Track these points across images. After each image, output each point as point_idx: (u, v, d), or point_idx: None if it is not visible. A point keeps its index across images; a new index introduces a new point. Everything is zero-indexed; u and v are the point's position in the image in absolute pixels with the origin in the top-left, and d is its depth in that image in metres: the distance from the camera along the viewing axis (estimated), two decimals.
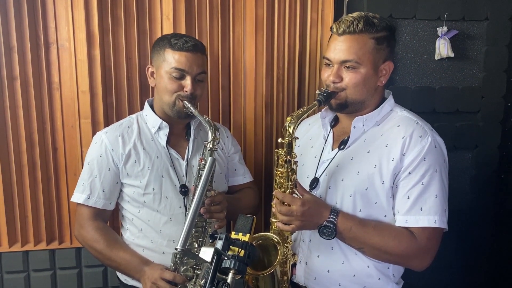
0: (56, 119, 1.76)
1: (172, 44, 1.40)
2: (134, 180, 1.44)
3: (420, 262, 1.23)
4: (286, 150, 1.21)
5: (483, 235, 2.11)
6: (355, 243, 1.22)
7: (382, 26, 1.24)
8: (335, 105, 1.29)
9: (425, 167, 1.20)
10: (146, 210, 1.45)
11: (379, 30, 1.23)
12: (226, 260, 0.97)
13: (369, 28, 1.22)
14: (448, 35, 1.89)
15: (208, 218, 1.34)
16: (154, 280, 1.32)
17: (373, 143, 1.27)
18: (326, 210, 1.21)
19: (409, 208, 1.21)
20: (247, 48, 1.82)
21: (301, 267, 1.34)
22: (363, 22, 1.22)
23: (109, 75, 1.74)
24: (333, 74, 1.24)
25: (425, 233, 1.20)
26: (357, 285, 1.29)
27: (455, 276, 2.10)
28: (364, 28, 1.22)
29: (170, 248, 1.40)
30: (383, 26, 1.24)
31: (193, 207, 0.95)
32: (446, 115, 1.98)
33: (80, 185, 1.46)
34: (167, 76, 1.41)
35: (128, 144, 1.46)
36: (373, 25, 1.22)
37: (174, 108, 1.43)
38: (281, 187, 1.23)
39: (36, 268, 1.83)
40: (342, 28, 1.23)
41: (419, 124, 1.26)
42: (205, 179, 0.97)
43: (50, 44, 1.71)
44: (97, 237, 1.42)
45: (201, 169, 1.35)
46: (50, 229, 1.82)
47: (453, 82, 1.97)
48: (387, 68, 1.29)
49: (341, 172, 1.28)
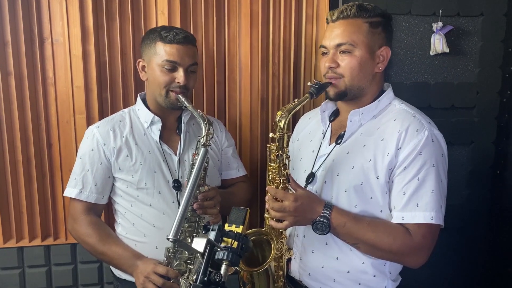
0: (50, 114, 1.75)
1: (162, 37, 1.40)
2: (126, 175, 1.44)
3: (415, 259, 1.21)
4: (277, 145, 1.20)
5: (479, 230, 2.12)
6: (349, 239, 1.21)
7: (376, 12, 1.24)
8: (334, 94, 1.27)
9: (421, 161, 1.17)
10: (138, 205, 1.44)
11: (373, 15, 1.23)
12: (219, 252, 0.97)
13: (362, 13, 1.22)
14: (443, 30, 1.90)
15: (202, 214, 1.33)
16: (147, 274, 1.32)
17: (369, 137, 1.26)
18: (319, 205, 1.20)
19: (405, 204, 1.18)
20: (242, 43, 1.81)
21: (296, 263, 1.34)
22: (356, 7, 1.23)
23: (104, 71, 1.73)
24: (329, 60, 1.24)
25: (421, 230, 1.18)
26: (352, 281, 1.27)
27: (451, 271, 2.11)
28: (357, 12, 1.22)
29: (163, 242, 1.39)
30: (377, 12, 1.24)
31: (185, 197, 0.95)
32: (441, 110, 1.99)
33: (73, 180, 1.46)
34: (159, 69, 1.41)
35: (119, 138, 1.46)
36: (366, 10, 1.23)
37: (167, 99, 1.43)
38: (274, 182, 1.22)
39: (31, 264, 1.82)
40: (336, 14, 1.24)
41: (416, 117, 1.23)
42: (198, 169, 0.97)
43: (45, 39, 1.70)
44: (90, 231, 1.42)
45: (194, 164, 1.34)
46: (45, 225, 1.80)
47: (448, 78, 1.98)
48: (384, 53, 1.27)
49: (337, 167, 1.27)
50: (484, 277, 2.17)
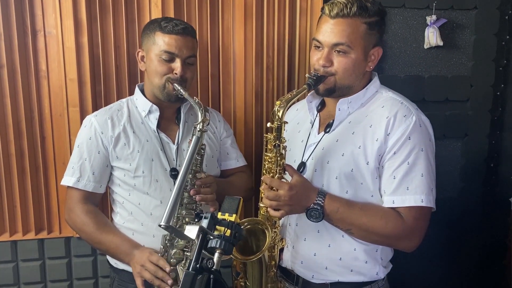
0: (44, 107, 1.74)
1: (162, 27, 1.40)
2: (124, 163, 1.44)
3: (408, 242, 1.23)
4: (275, 135, 1.20)
5: (472, 223, 2.14)
6: (343, 224, 1.22)
7: (374, 10, 1.23)
8: (323, 90, 1.28)
9: (410, 146, 1.19)
10: (136, 193, 1.44)
11: (372, 14, 1.22)
12: (212, 240, 0.97)
13: (362, 12, 1.21)
14: (437, 23, 1.90)
15: (199, 201, 1.33)
16: (142, 262, 1.32)
17: (358, 124, 1.27)
18: (313, 192, 1.21)
19: (395, 188, 1.21)
20: (237, 36, 1.81)
21: (288, 251, 1.35)
22: (356, 6, 1.21)
23: (97, 63, 1.72)
24: (324, 58, 1.24)
25: (412, 212, 1.20)
26: (344, 268, 1.29)
27: (444, 263, 2.12)
28: (357, 12, 1.20)
29: (160, 231, 1.38)
30: (375, 11, 1.23)
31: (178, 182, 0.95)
32: (435, 103, 2.00)
33: (70, 168, 1.46)
34: (157, 59, 1.40)
35: (117, 127, 1.46)
36: (366, 9, 1.21)
37: (164, 91, 1.43)
38: (270, 172, 1.22)
39: (25, 258, 1.81)
40: (335, 10, 1.21)
41: (403, 104, 1.26)
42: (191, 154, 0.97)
43: (37, 32, 1.69)
44: (86, 220, 1.41)
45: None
46: (38, 218, 1.80)
47: (442, 71, 1.99)
48: (376, 53, 1.29)
49: (327, 155, 1.28)
50: (478, 269, 2.19)
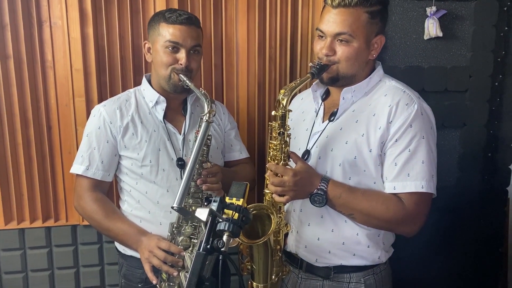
0: (50, 97, 1.77)
1: (166, 18, 1.42)
2: (132, 152, 1.47)
3: (409, 227, 1.27)
4: (279, 123, 1.23)
5: (470, 211, 2.16)
6: (345, 209, 1.26)
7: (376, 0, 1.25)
8: (327, 79, 1.31)
9: (411, 133, 1.22)
10: (143, 182, 1.47)
11: (373, 3, 1.25)
12: (221, 223, 1.00)
13: (364, 2, 1.23)
14: (437, 14, 1.92)
15: (206, 190, 1.37)
16: (150, 249, 1.35)
17: (362, 113, 1.30)
18: (317, 178, 1.25)
19: (396, 174, 1.24)
20: (240, 27, 1.83)
21: (292, 236, 1.38)
22: None
23: (102, 54, 1.75)
24: (326, 47, 1.26)
25: (413, 198, 1.23)
26: (347, 252, 1.32)
27: (442, 250, 2.16)
28: (359, 1, 1.23)
29: (167, 219, 1.44)
30: (377, 0, 1.25)
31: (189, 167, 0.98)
32: (434, 94, 2.01)
33: (79, 157, 1.48)
34: (162, 50, 1.43)
35: (126, 117, 1.48)
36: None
37: (170, 81, 1.45)
38: (275, 159, 1.25)
39: (32, 246, 1.85)
40: (338, 0, 1.23)
41: (405, 92, 1.29)
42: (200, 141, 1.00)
43: (43, 22, 1.71)
44: (95, 208, 1.44)
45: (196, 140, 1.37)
46: (45, 207, 1.83)
47: (441, 62, 2.00)
48: (378, 42, 1.31)
49: (331, 143, 1.31)
50: (475, 257, 2.23)
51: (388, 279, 1.41)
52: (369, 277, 1.34)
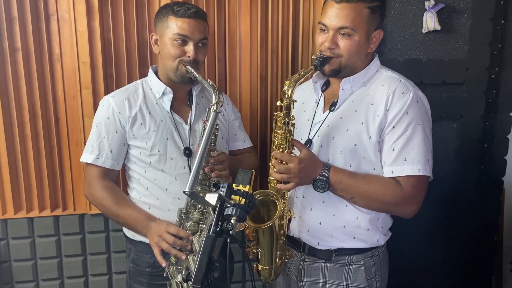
0: (57, 89, 1.81)
1: (174, 11, 1.45)
2: (141, 142, 1.51)
3: (407, 208, 1.33)
4: (284, 113, 1.29)
5: (466, 201, 2.22)
6: (346, 193, 1.32)
7: None
8: (329, 71, 1.36)
9: (407, 120, 1.29)
10: (152, 170, 1.52)
11: None
12: (229, 208, 1.05)
13: None
14: (435, 8, 1.96)
15: (214, 177, 1.42)
16: (160, 233, 1.40)
17: (361, 102, 1.36)
18: (319, 165, 1.31)
19: (394, 159, 1.30)
20: (242, 20, 1.87)
21: (295, 221, 1.44)
22: None
23: (108, 47, 1.79)
24: (329, 40, 1.31)
25: (410, 181, 1.30)
26: (347, 235, 1.39)
27: (439, 238, 2.22)
28: None
29: (175, 205, 1.49)
30: None
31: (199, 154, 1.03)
32: (432, 86, 2.06)
33: (89, 146, 1.52)
34: (170, 42, 1.46)
35: (134, 108, 1.52)
36: None
37: (178, 73, 1.49)
38: (280, 148, 1.31)
39: (41, 234, 1.90)
40: None
41: (401, 81, 1.35)
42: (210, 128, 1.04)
43: (50, 16, 1.75)
44: (105, 195, 1.49)
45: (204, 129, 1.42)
46: (54, 196, 1.88)
47: (439, 55, 2.05)
48: (377, 36, 1.37)
49: (332, 132, 1.37)
50: (470, 245, 2.29)
51: (385, 261, 1.47)
52: (368, 259, 1.40)
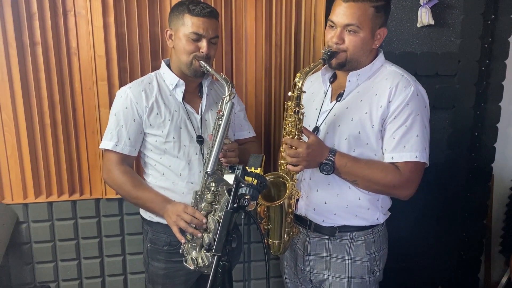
0: (74, 81, 1.91)
1: (190, 10, 1.54)
2: (157, 130, 1.61)
3: (405, 191, 1.46)
4: (295, 102, 1.41)
5: (458, 186, 2.33)
6: (350, 176, 1.45)
7: None
8: (335, 64, 1.48)
9: (408, 112, 1.40)
10: (167, 157, 1.62)
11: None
12: (243, 187, 1.18)
13: None
14: (429, 4, 2.06)
15: (225, 163, 1.53)
16: (178, 213, 1.52)
17: (365, 94, 1.48)
18: (326, 150, 1.43)
19: (394, 146, 1.42)
20: (248, 16, 1.97)
21: (303, 201, 1.57)
22: None
23: (122, 41, 1.89)
24: (336, 36, 1.43)
25: (408, 166, 1.42)
26: (350, 214, 1.52)
27: (432, 220, 2.34)
28: None
29: (188, 189, 1.60)
30: None
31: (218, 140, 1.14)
32: (426, 78, 2.15)
33: (108, 134, 1.62)
34: (186, 39, 1.56)
35: (150, 98, 1.62)
36: None
37: (191, 67, 1.59)
38: (290, 134, 1.44)
39: (59, 217, 2.01)
40: None
41: (404, 76, 1.46)
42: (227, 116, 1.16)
43: (68, 12, 1.85)
44: (124, 179, 1.60)
45: (219, 119, 1.54)
46: (71, 182, 1.99)
47: (433, 48, 2.14)
48: (381, 33, 1.48)
49: (338, 120, 1.49)
50: (461, 227, 2.41)
51: (384, 238, 1.61)
52: (369, 235, 1.54)
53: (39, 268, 2.04)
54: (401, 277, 2.36)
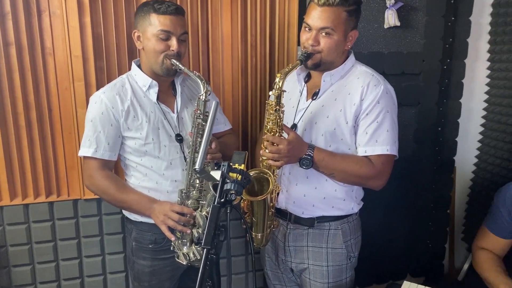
0: (50, 82, 1.89)
1: (156, 9, 1.54)
2: (135, 133, 1.62)
3: (377, 182, 1.57)
4: (275, 101, 1.48)
5: (423, 178, 2.46)
6: (327, 170, 1.53)
7: (353, 0, 1.50)
8: (311, 65, 1.56)
9: (379, 109, 1.51)
10: (148, 158, 1.63)
11: (351, 4, 1.50)
12: (227, 183, 1.22)
13: (343, 2, 1.48)
14: (395, 6, 2.17)
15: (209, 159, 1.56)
16: (165, 212, 1.54)
17: (339, 92, 1.57)
18: (305, 146, 1.51)
19: (367, 141, 1.53)
20: (224, 17, 2.02)
21: (283, 195, 1.65)
22: None
23: (99, 41, 1.89)
24: (312, 39, 1.51)
25: (380, 159, 1.53)
26: (327, 205, 1.61)
27: (400, 211, 2.46)
28: (340, 2, 1.47)
29: (172, 187, 1.63)
30: (354, 1, 1.51)
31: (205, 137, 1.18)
32: (393, 76, 2.25)
33: (86, 141, 1.61)
34: (155, 38, 1.55)
35: (125, 102, 1.62)
36: (347, 0, 1.48)
37: (163, 66, 1.59)
38: (271, 131, 1.50)
39: (36, 220, 1.98)
40: (323, 0, 1.47)
41: (374, 75, 1.57)
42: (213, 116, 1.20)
43: (42, 12, 1.82)
44: (108, 183, 1.60)
45: (197, 117, 1.56)
46: (48, 183, 1.97)
47: (399, 48, 2.26)
48: (353, 35, 1.57)
49: (314, 117, 1.57)
50: (427, 217, 2.55)
51: (358, 226, 1.72)
52: (345, 224, 1.64)
53: (16, 271, 2.00)
54: (373, 266, 2.48)
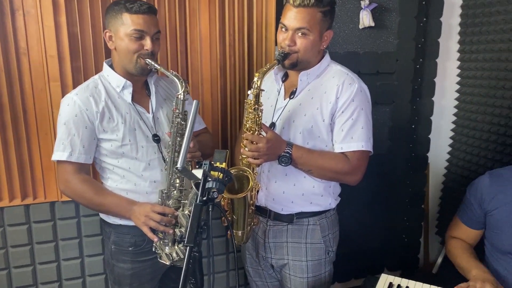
0: (24, 82, 1.85)
1: (128, 8, 1.51)
2: (111, 135, 1.59)
3: (353, 177, 1.61)
4: (254, 100, 1.50)
5: (398, 174, 2.54)
6: (305, 166, 1.57)
7: (327, 1, 1.54)
8: (288, 65, 1.59)
9: (353, 106, 1.56)
10: (125, 160, 1.61)
11: (325, 5, 1.54)
12: (209, 182, 1.24)
13: (318, 3, 1.51)
14: (369, 7, 2.23)
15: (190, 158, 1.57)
16: (146, 213, 1.53)
17: (316, 91, 1.61)
18: (283, 144, 1.54)
19: (343, 138, 1.57)
20: (202, 17, 2.02)
21: (262, 192, 1.67)
22: None
23: (75, 41, 1.86)
24: (289, 39, 1.54)
25: (356, 155, 1.58)
26: (305, 201, 1.65)
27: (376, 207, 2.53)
28: (315, 3, 1.50)
29: (151, 188, 1.62)
30: (328, 2, 1.55)
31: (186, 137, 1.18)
32: (368, 75, 2.31)
33: (60, 145, 1.57)
34: (128, 38, 1.52)
35: (100, 103, 1.58)
36: (321, 1, 1.52)
37: (137, 65, 1.56)
38: (250, 130, 1.52)
39: (11, 223, 1.94)
40: (298, 1, 1.50)
41: (348, 75, 1.61)
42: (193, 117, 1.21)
43: (16, 11, 1.78)
44: (85, 188, 1.57)
45: (176, 116, 1.55)
46: (23, 186, 1.93)
47: (373, 48, 2.32)
48: (328, 35, 1.61)
49: (292, 116, 1.61)
50: (403, 212, 2.62)
51: (336, 221, 1.77)
52: (323, 220, 1.68)
53: None
54: (352, 262, 2.53)
